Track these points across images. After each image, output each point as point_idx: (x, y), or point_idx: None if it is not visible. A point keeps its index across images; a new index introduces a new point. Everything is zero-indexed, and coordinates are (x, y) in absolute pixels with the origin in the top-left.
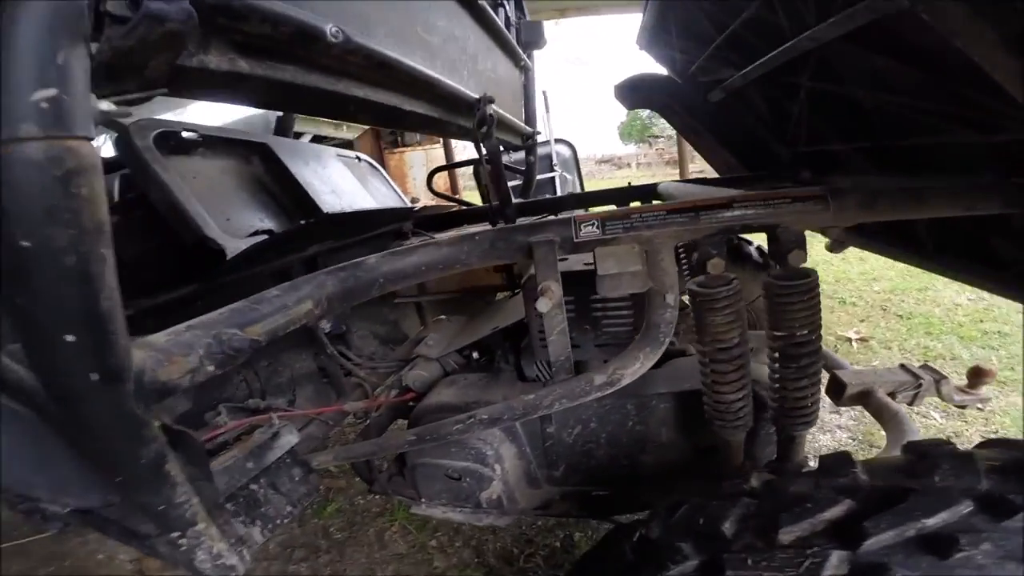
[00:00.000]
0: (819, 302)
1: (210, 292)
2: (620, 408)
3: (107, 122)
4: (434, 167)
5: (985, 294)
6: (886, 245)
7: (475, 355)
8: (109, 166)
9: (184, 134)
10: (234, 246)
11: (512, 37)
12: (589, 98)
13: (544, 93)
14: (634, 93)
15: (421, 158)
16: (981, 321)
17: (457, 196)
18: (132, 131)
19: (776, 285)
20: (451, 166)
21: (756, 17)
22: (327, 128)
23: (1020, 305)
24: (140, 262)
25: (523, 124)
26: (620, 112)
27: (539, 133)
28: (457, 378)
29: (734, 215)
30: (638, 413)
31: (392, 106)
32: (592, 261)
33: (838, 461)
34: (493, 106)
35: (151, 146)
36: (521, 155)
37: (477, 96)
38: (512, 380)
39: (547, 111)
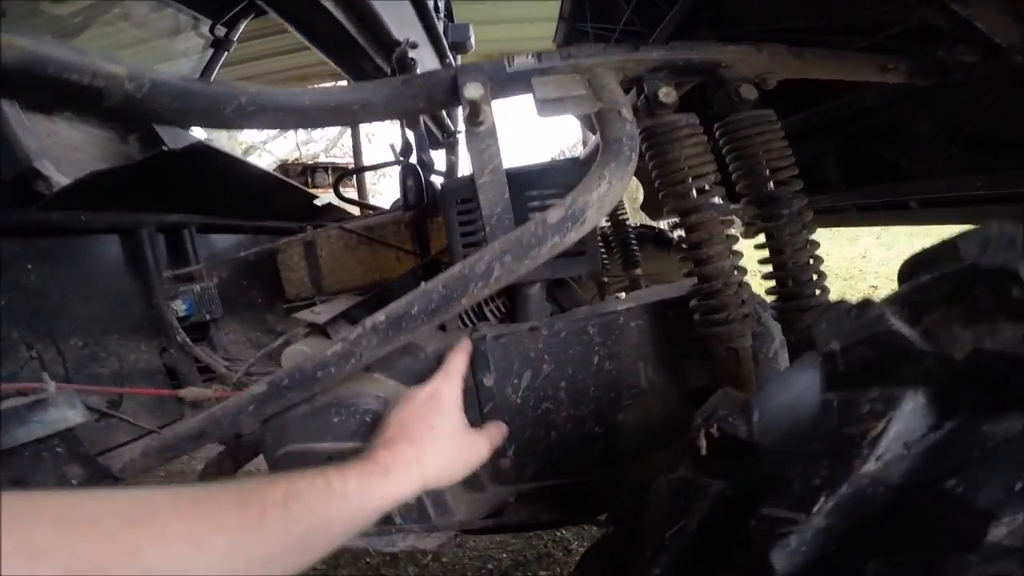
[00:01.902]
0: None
1: None
2: (580, 336)
3: None
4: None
5: None
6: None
7: None
8: None
9: None
10: (60, 179)
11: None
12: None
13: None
14: None
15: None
16: None
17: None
18: None
19: (737, 120)
20: (364, 169)
21: None
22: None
23: None
24: None
25: (447, 120)
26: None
27: (460, 132)
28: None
29: (674, 52)
30: (604, 340)
31: None
32: None
33: None
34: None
35: None
36: None
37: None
38: (431, 330)
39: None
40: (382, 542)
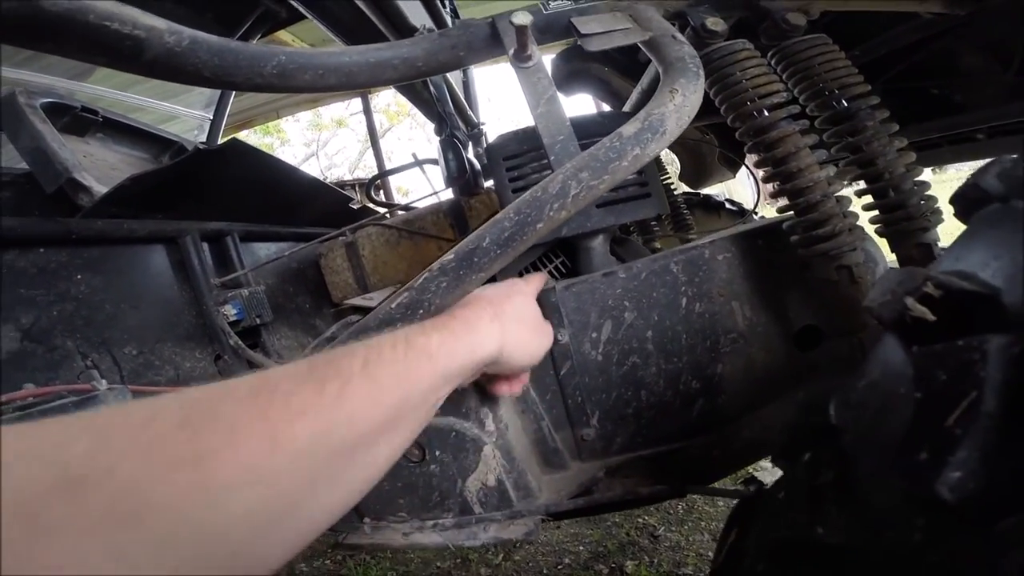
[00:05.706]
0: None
1: None
2: (662, 276)
3: None
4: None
5: None
6: None
7: None
8: None
9: (82, 112)
10: (101, 189)
11: None
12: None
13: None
14: (568, 63)
15: None
16: None
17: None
18: (17, 93)
19: (792, 44)
20: (391, 171)
21: None
22: None
23: None
24: None
25: (471, 113)
26: None
27: (484, 124)
28: None
29: None
30: (690, 279)
31: None
32: None
33: None
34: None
35: (36, 108)
36: None
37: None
38: None
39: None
40: (462, 535)
